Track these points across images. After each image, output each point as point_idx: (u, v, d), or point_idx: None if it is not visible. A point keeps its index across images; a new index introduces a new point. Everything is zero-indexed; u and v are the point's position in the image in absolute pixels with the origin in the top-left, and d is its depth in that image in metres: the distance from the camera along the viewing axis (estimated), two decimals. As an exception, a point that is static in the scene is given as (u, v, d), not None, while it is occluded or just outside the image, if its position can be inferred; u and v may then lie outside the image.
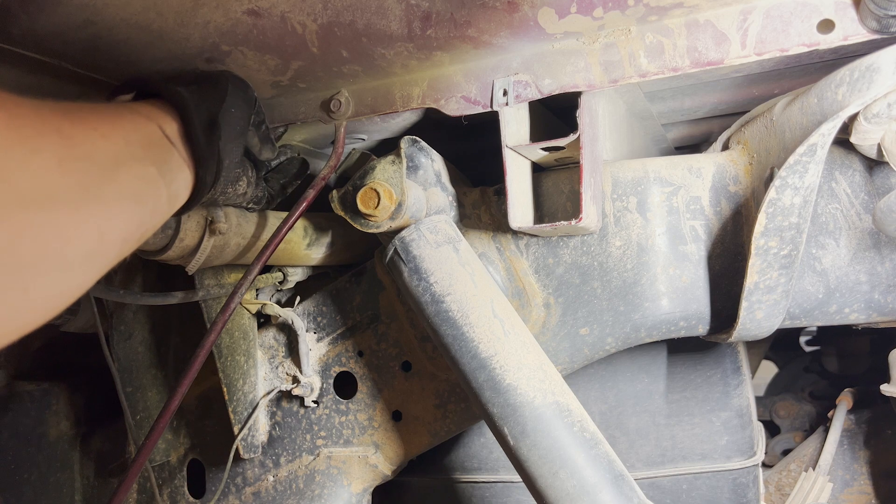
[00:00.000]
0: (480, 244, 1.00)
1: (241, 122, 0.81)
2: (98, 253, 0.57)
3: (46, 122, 0.52)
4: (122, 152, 0.60)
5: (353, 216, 0.91)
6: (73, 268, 0.54)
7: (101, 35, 0.81)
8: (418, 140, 0.95)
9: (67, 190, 0.51)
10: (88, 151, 0.55)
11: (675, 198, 0.93)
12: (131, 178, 0.61)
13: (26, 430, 1.38)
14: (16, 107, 0.49)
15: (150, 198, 0.65)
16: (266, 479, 1.17)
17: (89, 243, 0.55)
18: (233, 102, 0.80)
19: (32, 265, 0.48)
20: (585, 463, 0.77)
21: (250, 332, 1.14)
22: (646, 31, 0.79)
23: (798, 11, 0.73)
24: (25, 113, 0.50)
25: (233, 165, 0.79)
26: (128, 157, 0.61)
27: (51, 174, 0.50)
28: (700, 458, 1.22)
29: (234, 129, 0.79)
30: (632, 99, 1.00)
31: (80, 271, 0.55)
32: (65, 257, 0.52)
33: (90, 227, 0.54)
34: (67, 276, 0.54)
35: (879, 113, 0.71)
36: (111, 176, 0.57)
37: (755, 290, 0.84)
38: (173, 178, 0.69)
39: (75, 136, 0.54)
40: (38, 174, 0.48)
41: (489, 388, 0.81)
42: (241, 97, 0.83)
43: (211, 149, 0.74)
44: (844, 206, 0.91)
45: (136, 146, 0.63)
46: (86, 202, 0.53)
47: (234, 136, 0.79)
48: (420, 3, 0.81)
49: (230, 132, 0.78)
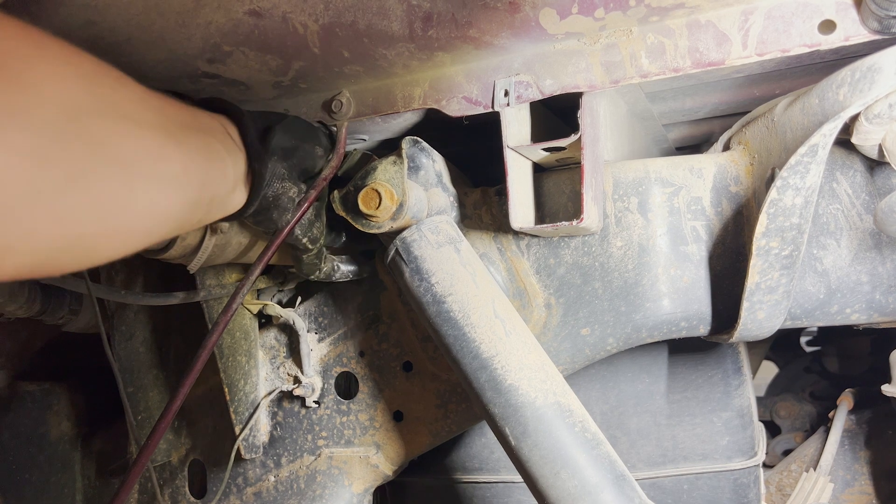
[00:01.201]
0: (482, 244, 1.00)
1: (295, 136, 0.87)
2: (183, 183, 0.65)
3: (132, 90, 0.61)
4: (197, 122, 0.72)
5: (354, 217, 0.91)
6: (164, 185, 0.61)
7: (102, 35, 0.81)
8: (419, 140, 0.95)
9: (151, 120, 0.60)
10: (168, 113, 0.65)
11: (677, 198, 0.93)
12: (205, 139, 0.71)
13: (27, 431, 1.38)
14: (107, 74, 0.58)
15: (220, 165, 0.73)
16: (267, 480, 1.17)
17: (176, 167, 0.63)
18: (289, 123, 0.87)
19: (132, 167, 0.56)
20: (587, 463, 0.77)
21: (252, 333, 1.14)
22: (647, 31, 0.79)
23: (799, 12, 0.73)
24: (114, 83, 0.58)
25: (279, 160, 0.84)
26: (201, 128, 0.72)
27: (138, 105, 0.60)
28: (701, 459, 1.22)
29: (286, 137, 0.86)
30: (633, 99, 1.00)
31: (167, 191, 0.62)
32: (157, 172, 0.60)
33: (177, 154, 0.63)
34: (161, 193, 0.61)
35: (881, 113, 0.71)
36: (187, 131, 0.67)
37: (756, 291, 0.84)
38: (236, 165, 0.77)
39: (157, 103, 0.63)
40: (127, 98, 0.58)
41: (490, 389, 0.81)
42: (301, 123, 0.90)
43: (264, 145, 0.82)
44: (846, 207, 0.91)
45: (208, 127, 0.74)
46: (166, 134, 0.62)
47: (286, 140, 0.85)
48: (421, 4, 0.81)
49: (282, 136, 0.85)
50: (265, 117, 0.86)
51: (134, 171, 0.56)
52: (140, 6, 0.78)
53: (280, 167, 0.84)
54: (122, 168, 0.55)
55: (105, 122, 0.53)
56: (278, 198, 0.84)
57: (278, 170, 0.83)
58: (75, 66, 0.53)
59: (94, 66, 0.56)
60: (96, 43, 0.82)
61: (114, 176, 0.54)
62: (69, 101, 0.50)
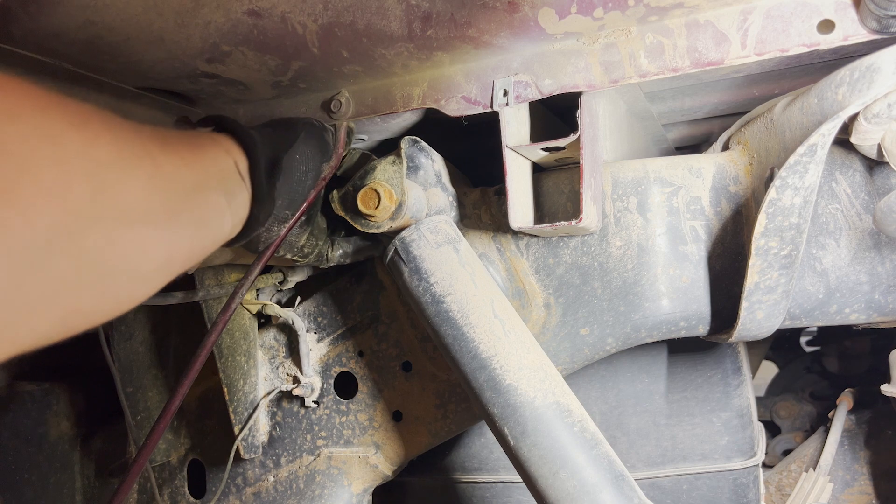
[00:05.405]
0: (481, 244, 1.00)
1: (304, 166, 0.84)
2: (165, 270, 0.61)
3: (142, 146, 0.56)
4: (200, 180, 0.65)
5: (353, 216, 0.91)
6: (145, 281, 0.58)
7: (101, 35, 0.81)
8: (419, 140, 0.95)
9: (152, 210, 0.56)
10: (173, 177, 0.60)
11: (676, 198, 0.93)
12: (204, 206, 0.66)
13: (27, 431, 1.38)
14: (119, 129, 0.54)
15: (216, 225, 0.69)
16: (266, 480, 1.17)
17: (160, 260, 0.59)
18: (300, 149, 0.84)
19: (116, 274, 0.53)
20: (586, 463, 0.77)
21: (251, 333, 1.14)
22: (646, 31, 0.79)
23: (798, 12, 0.73)
24: (126, 136, 0.54)
25: (283, 206, 0.82)
26: (204, 186, 0.66)
27: (141, 194, 0.54)
28: (700, 459, 1.22)
29: (295, 173, 0.83)
30: (632, 99, 1.00)
31: (148, 285, 0.59)
32: (140, 270, 0.56)
33: (164, 246, 0.59)
34: (139, 287, 0.58)
35: (879, 113, 0.71)
36: (188, 201, 0.62)
37: (755, 291, 0.84)
38: (237, 210, 0.73)
39: (164, 162, 0.59)
40: (131, 193, 0.53)
41: (489, 389, 0.81)
42: (313, 144, 0.87)
43: (270, 189, 0.78)
44: (845, 207, 0.91)
45: (213, 177, 0.68)
46: (165, 223, 0.58)
47: (294, 179, 0.82)
48: (420, 4, 0.81)
49: (290, 175, 0.81)
50: (276, 143, 0.82)
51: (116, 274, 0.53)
52: (139, 6, 0.78)
53: (282, 212, 0.82)
54: (102, 276, 0.52)
55: (99, 231, 0.50)
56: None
57: (281, 214, 0.82)
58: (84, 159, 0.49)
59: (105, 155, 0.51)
60: (95, 43, 0.82)
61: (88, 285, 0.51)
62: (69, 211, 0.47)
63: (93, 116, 0.52)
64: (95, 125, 0.51)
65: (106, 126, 0.52)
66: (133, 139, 0.55)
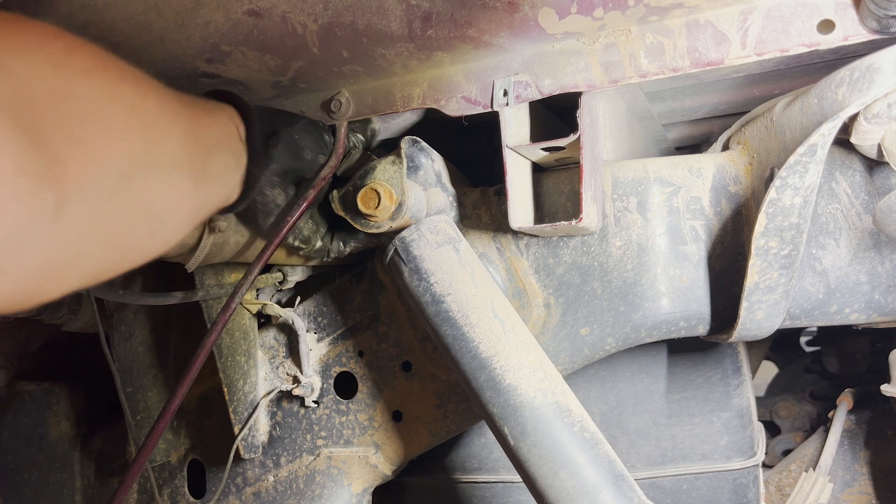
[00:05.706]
0: (481, 244, 1.00)
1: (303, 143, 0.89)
2: (194, 217, 0.68)
3: (178, 105, 0.63)
4: (215, 140, 0.73)
5: (353, 216, 0.91)
6: (180, 226, 0.65)
7: (101, 36, 0.81)
8: (419, 140, 0.95)
9: (188, 162, 0.63)
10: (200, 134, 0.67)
11: (676, 198, 0.93)
12: (220, 163, 0.73)
13: (27, 431, 1.38)
14: (159, 88, 0.61)
15: (229, 180, 0.77)
16: (266, 480, 1.17)
17: (194, 208, 0.67)
18: (300, 130, 0.88)
19: (162, 216, 0.60)
20: (586, 463, 0.77)
21: (251, 333, 1.14)
22: (646, 31, 0.79)
23: (798, 12, 0.73)
24: (165, 95, 0.61)
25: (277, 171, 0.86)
26: (219, 146, 0.73)
27: (179, 148, 0.61)
28: (700, 459, 1.22)
29: (293, 147, 0.87)
30: (632, 99, 1.00)
31: (182, 230, 0.66)
32: (178, 215, 0.64)
33: (196, 196, 0.66)
34: (175, 232, 0.65)
35: (879, 113, 0.71)
36: (211, 157, 0.70)
37: (755, 291, 0.84)
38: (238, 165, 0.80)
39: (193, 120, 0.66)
40: (174, 146, 0.60)
41: (489, 389, 0.81)
42: (314, 134, 0.91)
43: (265, 150, 0.83)
44: (845, 207, 0.91)
45: (224, 138, 0.76)
46: (197, 175, 0.65)
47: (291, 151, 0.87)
48: (420, 4, 0.81)
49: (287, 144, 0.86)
50: (275, 119, 0.86)
51: (160, 217, 0.60)
52: (139, 6, 0.78)
53: (275, 177, 0.86)
54: (150, 218, 0.58)
55: (152, 178, 0.56)
56: (266, 203, 0.87)
57: (273, 178, 0.85)
58: (140, 112, 0.55)
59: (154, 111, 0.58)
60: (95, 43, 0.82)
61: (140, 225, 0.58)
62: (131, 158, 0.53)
63: (140, 76, 0.58)
64: (144, 84, 0.58)
65: (151, 85, 0.59)
66: (171, 99, 0.62)
